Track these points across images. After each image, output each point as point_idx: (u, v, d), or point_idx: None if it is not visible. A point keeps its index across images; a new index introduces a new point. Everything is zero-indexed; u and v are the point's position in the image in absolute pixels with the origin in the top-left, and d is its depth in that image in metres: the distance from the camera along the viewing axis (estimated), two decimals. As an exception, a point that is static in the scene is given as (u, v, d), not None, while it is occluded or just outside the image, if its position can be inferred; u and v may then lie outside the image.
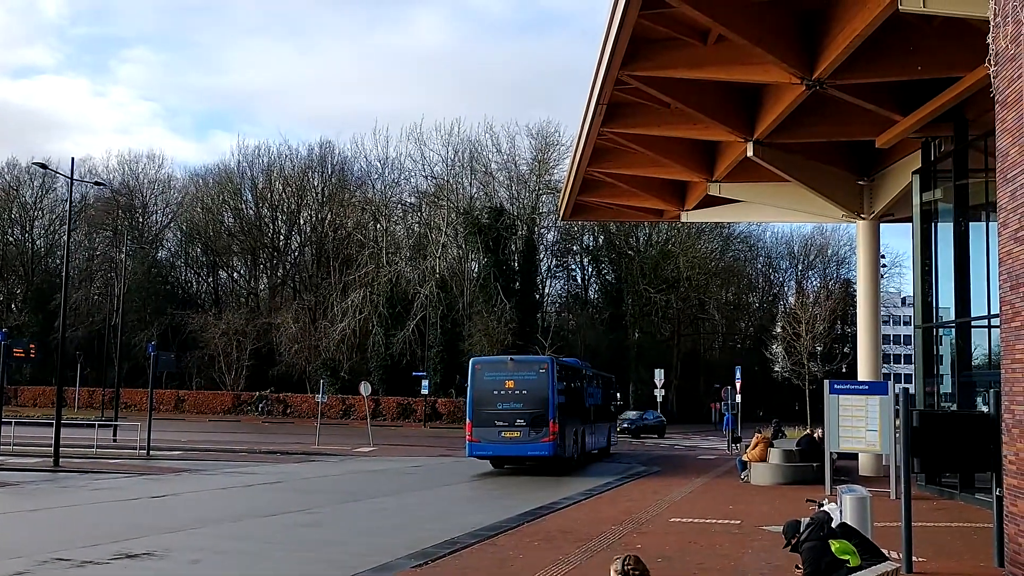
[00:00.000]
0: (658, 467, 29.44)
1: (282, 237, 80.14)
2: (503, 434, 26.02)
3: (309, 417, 58.67)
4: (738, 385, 38.01)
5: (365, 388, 40.97)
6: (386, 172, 74.57)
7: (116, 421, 40.43)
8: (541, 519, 16.28)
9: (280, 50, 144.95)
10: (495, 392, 26.38)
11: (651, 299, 71.77)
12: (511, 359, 28.06)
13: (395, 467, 29.37)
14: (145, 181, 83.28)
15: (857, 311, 28.76)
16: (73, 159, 33.47)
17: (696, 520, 16.20)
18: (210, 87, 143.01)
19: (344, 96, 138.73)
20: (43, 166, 37.80)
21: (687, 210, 32.25)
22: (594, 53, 19.85)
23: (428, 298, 63.99)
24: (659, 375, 49.28)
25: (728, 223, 72.52)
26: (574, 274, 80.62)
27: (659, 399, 50.64)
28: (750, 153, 22.79)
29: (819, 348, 61.81)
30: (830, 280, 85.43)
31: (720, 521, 16.05)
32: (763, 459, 23.77)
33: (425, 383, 57.58)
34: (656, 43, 18.93)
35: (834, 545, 8.48)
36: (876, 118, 20.72)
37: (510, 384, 26.36)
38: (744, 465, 24.26)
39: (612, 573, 6.10)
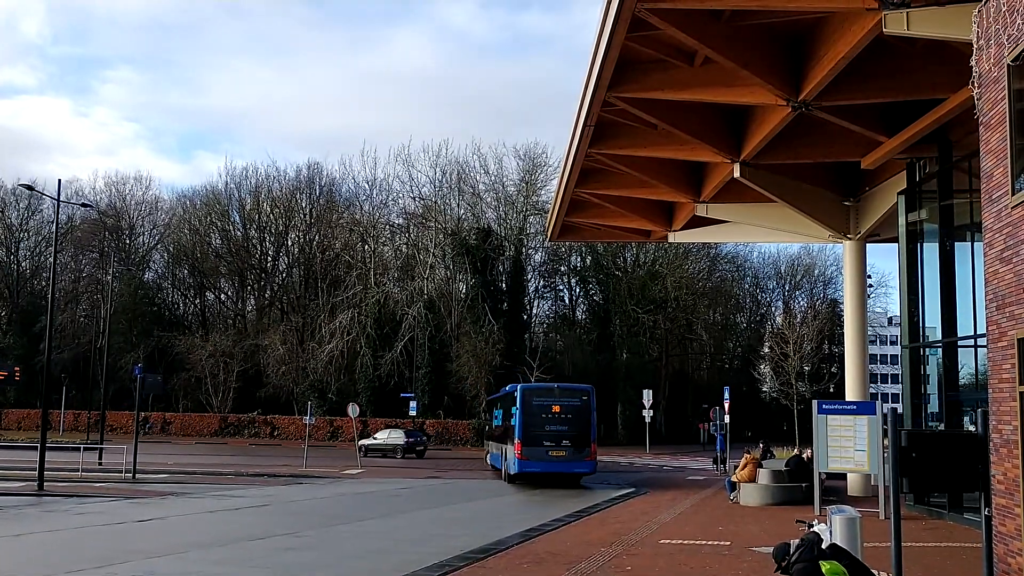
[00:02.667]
0: (647, 488, 29.37)
1: (270, 258, 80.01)
2: (550, 453, 29.37)
3: (296, 439, 58.40)
4: (726, 405, 37.98)
5: (353, 410, 40.80)
6: (374, 193, 74.72)
7: (102, 444, 40.10)
8: (530, 541, 16.19)
9: (262, 71, 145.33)
10: (543, 416, 29.63)
11: (639, 319, 71.86)
12: (557, 387, 32.23)
13: (383, 489, 29.19)
14: (132, 202, 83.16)
15: (844, 331, 28.87)
16: (60, 181, 33.35)
17: (686, 541, 16.15)
18: (192, 108, 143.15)
19: (328, 117, 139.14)
20: (29, 187, 37.66)
21: (675, 230, 32.38)
22: (579, 74, 20.00)
23: (416, 319, 63.92)
24: (647, 396, 49.29)
25: (715, 243, 72.83)
26: (562, 295, 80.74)
27: (647, 419, 50.65)
28: (737, 174, 22.94)
29: (807, 368, 62.01)
30: (817, 300, 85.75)
31: (710, 542, 16.00)
32: (752, 479, 23.74)
33: (413, 404, 57.41)
34: (643, 65, 19.08)
35: (825, 566, 8.45)
36: (861, 139, 20.90)
37: (556, 409, 29.81)
38: (733, 486, 24.22)
39: None
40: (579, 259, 77.32)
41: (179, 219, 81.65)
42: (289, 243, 78.88)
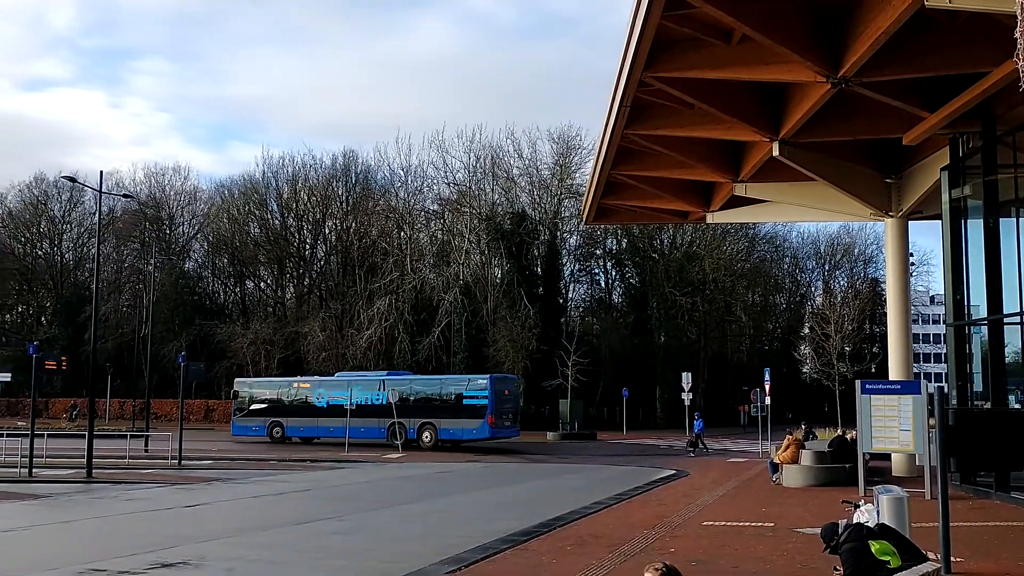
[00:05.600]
0: (688, 470, 29.29)
1: (308, 246, 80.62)
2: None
3: (337, 425, 58.83)
4: (767, 387, 37.66)
5: (392, 395, 41.06)
6: (409, 180, 74.90)
7: (147, 432, 40.80)
8: (573, 523, 16.22)
9: (290, 59, 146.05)
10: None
11: (676, 302, 71.46)
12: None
13: (424, 473, 29.41)
14: (171, 193, 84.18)
15: (887, 310, 28.51)
16: (101, 172, 33.87)
17: (729, 523, 16.09)
18: (222, 97, 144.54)
19: (359, 104, 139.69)
20: (72, 179, 38.25)
21: (712, 211, 32.09)
22: (608, 56, 19.89)
23: (452, 304, 64.13)
24: (686, 378, 49.06)
25: (754, 224, 72.17)
26: (597, 278, 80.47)
27: (687, 402, 50.41)
28: (776, 153, 22.65)
29: (848, 348, 61.41)
30: (857, 280, 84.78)
31: (753, 524, 15.93)
32: (794, 461, 23.59)
33: (452, 389, 57.57)
34: (679, 44, 18.87)
35: (874, 546, 8.39)
36: (903, 115, 20.54)
37: None
38: (776, 467, 24.09)
39: None
40: (615, 242, 77.00)
41: (218, 209, 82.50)
42: (326, 231, 79.42)
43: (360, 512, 18.84)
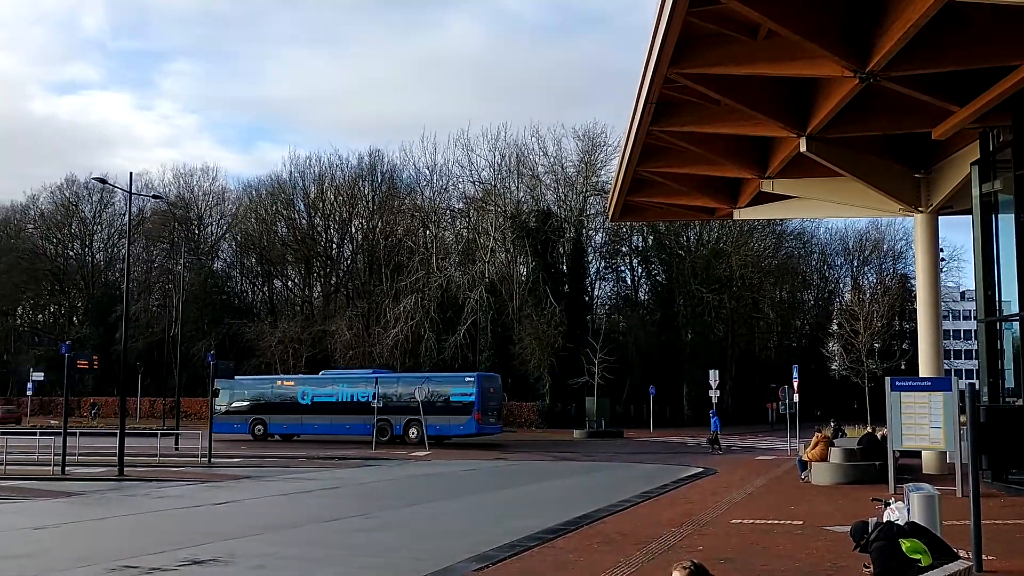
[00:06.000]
0: (715, 468, 29.17)
1: (334, 245, 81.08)
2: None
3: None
4: (795, 384, 37.42)
5: (419, 393, 41.23)
6: (434, 179, 75.12)
7: (178, 430, 41.21)
8: (600, 521, 16.22)
9: (317, 59, 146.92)
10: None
11: (703, 299, 71.16)
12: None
13: (451, 471, 29.51)
14: (200, 193, 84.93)
15: (917, 306, 28.22)
16: (131, 174, 34.14)
17: (757, 521, 16.02)
18: (251, 98, 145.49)
19: (385, 104, 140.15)
20: (102, 181, 38.82)
21: (739, 207, 31.90)
22: (635, 52, 19.83)
23: (478, 302, 64.24)
24: (713, 376, 48.87)
25: (781, 220, 71.71)
26: (623, 275, 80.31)
27: (714, 400, 50.21)
28: (803, 148, 22.48)
29: (877, 345, 60.85)
30: (886, 275, 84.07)
31: (782, 522, 15.85)
32: (823, 459, 23.43)
33: (477, 387, 57.67)
34: (704, 40, 18.78)
35: (904, 544, 8.33)
36: (932, 109, 20.33)
37: None
38: (804, 465, 23.94)
39: None
40: (641, 239, 76.79)
41: (246, 209, 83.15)
42: (353, 230, 79.84)
43: (388, 509, 18.94)
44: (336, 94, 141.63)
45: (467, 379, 44.32)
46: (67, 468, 27.32)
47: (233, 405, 47.81)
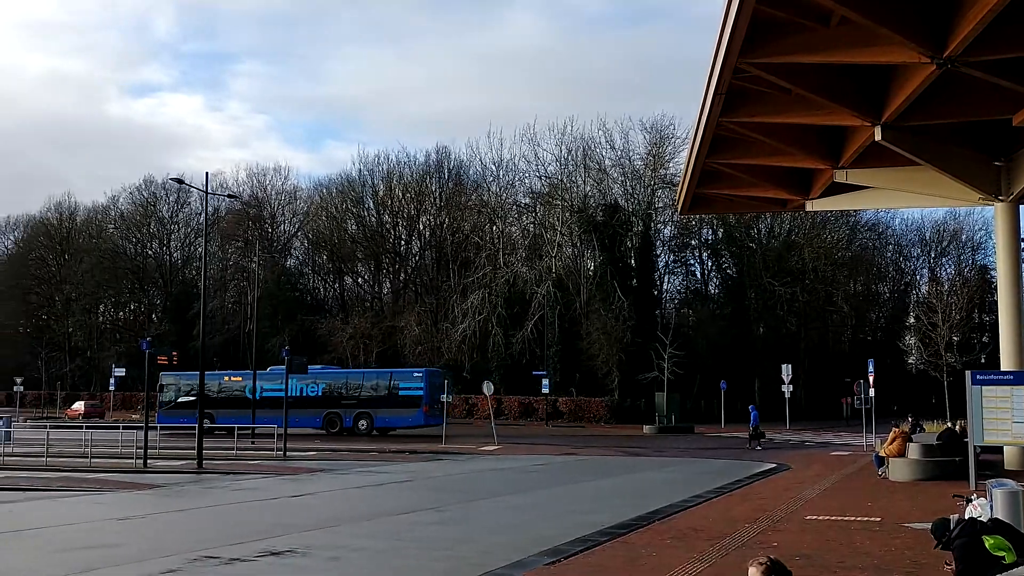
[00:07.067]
0: (789, 464, 28.73)
1: (403, 242, 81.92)
2: None
3: (434, 417, 59.66)
4: (871, 378, 36.58)
5: (488, 388, 41.43)
6: (501, 174, 75.34)
7: (254, 424, 42.11)
8: (671, 517, 16.11)
9: (380, 57, 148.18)
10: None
11: (775, 292, 70.10)
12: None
13: (520, 465, 29.59)
14: (272, 192, 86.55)
15: (997, 298, 27.37)
16: (207, 174, 35.14)
17: (833, 518, 15.73)
18: (317, 97, 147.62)
19: (450, 100, 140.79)
20: (179, 181, 39.76)
21: (812, 199, 31.30)
22: (701, 42, 19.59)
23: (545, 298, 64.23)
24: (786, 370, 48.10)
25: (855, 211, 70.18)
26: (693, 269, 79.55)
27: (786, 395, 49.45)
28: (878, 137, 21.96)
29: (956, 338, 59.25)
30: (965, 267, 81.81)
31: (859, 518, 15.54)
32: (901, 454, 22.91)
33: (545, 382, 57.83)
34: (775, 28, 18.47)
35: (988, 541, 8.10)
36: (1012, 95, 19.70)
37: None
38: (881, 461, 23.44)
39: (752, 574, 5.97)
40: (710, 232, 75.96)
41: (317, 207, 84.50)
42: (421, 226, 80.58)
43: (459, 503, 19.08)
44: (401, 91, 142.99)
45: (415, 374, 47.47)
46: (149, 461, 28.12)
47: (180, 400, 49.95)
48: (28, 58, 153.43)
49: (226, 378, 50.50)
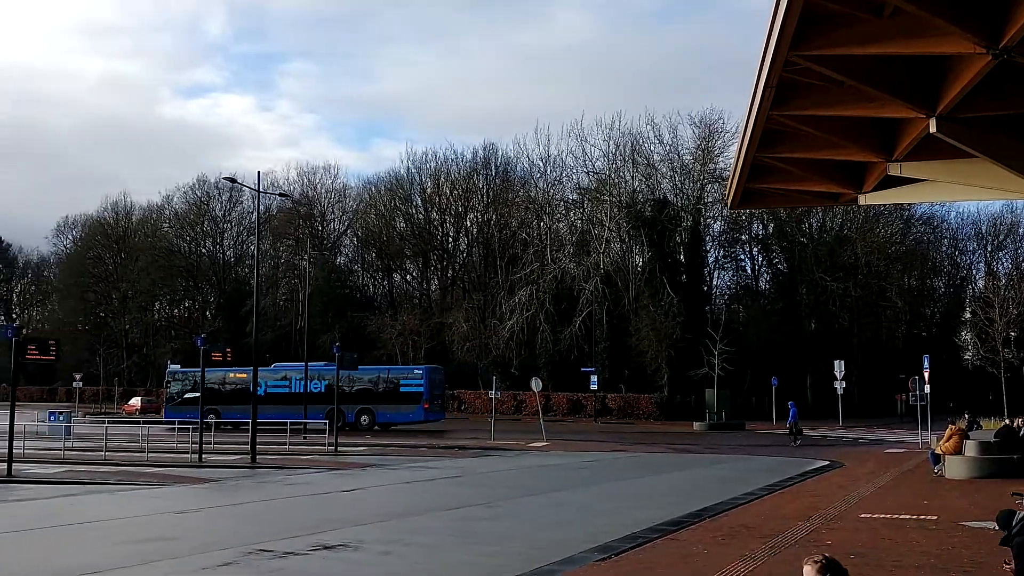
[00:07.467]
0: (842, 461, 28.36)
1: (450, 239, 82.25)
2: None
3: (482, 413, 59.92)
4: (926, 375, 35.91)
5: (536, 384, 41.46)
6: (548, 170, 75.24)
7: (306, 419, 42.66)
8: (723, 514, 16.01)
9: (427, 55, 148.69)
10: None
11: (827, 287, 69.12)
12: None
13: (570, 462, 29.58)
14: (323, 191, 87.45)
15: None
16: (259, 173, 35.70)
17: (888, 516, 15.51)
18: (365, 96, 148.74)
19: (497, 97, 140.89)
20: (232, 180, 40.47)
21: (865, 192, 30.74)
22: (749, 35, 19.38)
23: (593, 294, 64.05)
24: (839, 366, 47.43)
25: (909, 204, 68.93)
26: (743, 264, 78.73)
27: (839, 391, 48.73)
28: (933, 129, 21.46)
29: (1014, 334, 57.98)
30: (1022, 261, 79.76)
31: (915, 517, 15.30)
32: (957, 452, 22.50)
33: (594, 378, 57.70)
34: (827, 20, 18.16)
35: (1048, 541, 7.94)
36: (1074, 84, 19.18)
37: None
38: (937, 458, 23.04)
39: (807, 572, 5.91)
40: (761, 227, 75.13)
41: (366, 205, 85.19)
42: (468, 223, 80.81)
43: (509, 499, 19.15)
44: (448, 89, 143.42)
45: (416, 371, 48.61)
46: (204, 456, 28.62)
47: (186, 396, 50.92)
48: (86, 61, 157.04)
49: (231, 374, 51.29)
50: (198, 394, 50.04)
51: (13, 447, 24.43)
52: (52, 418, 38.98)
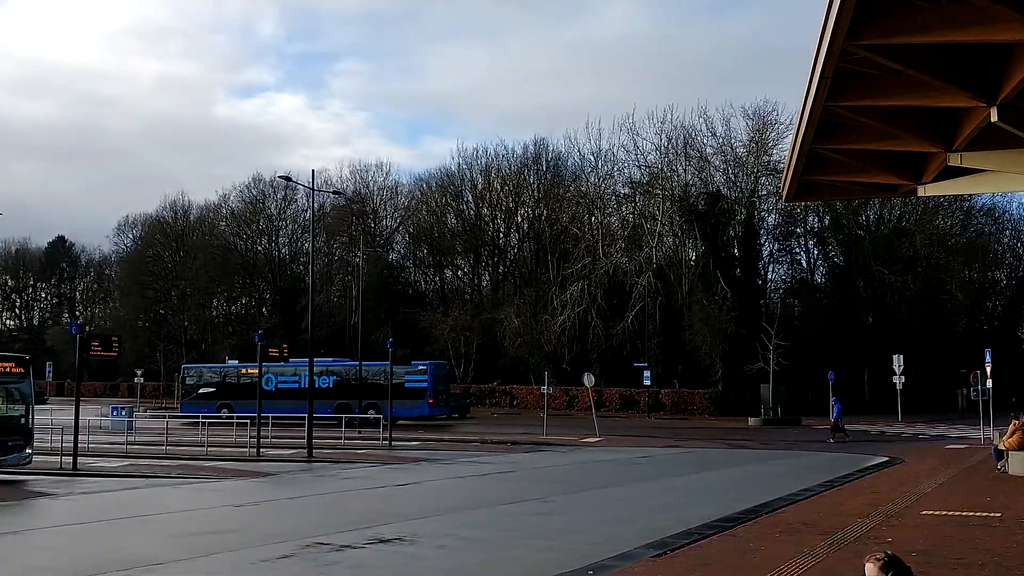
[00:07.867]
0: (902, 457, 27.86)
1: (501, 235, 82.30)
2: None
3: (535, 408, 59.97)
4: (988, 369, 35.06)
5: (588, 379, 41.37)
6: (599, 165, 74.78)
7: (360, 414, 43.15)
8: (780, 510, 15.84)
9: (477, 51, 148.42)
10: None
11: (885, 280, 67.79)
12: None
13: (623, 458, 29.49)
14: (375, 188, 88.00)
15: None
16: (313, 171, 36.12)
17: (950, 513, 15.22)
18: (416, 93, 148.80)
19: (547, 91, 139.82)
20: (287, 179, 41.03)
21: (924, 184, 30.12)
22: (802, 24, 19.08)
23: (646, 288, 63.62)
24: (898, 361, 46.57)
25: (969, 196, 67.36)
26: (798, 258, 77.51)
27: (898, 386, 47.84)
28: (994, 119, 20.94)
29: (1081, 327, 56.29)
30: (1089, 252, 77.54)
31: (977, 514, 14.99)
32: (1021, 447, 21.95)
33: (647, 374, 57.36)
34: (883, 8, 17.84)
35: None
36: None
37: None
38: (1000, 454, 22.52)
39: (869, 570, 5.83)
40: (816, 219, 73.91)
41: (417, 202, 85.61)
42: (519, 219, 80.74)
43: (563, 494, 19.16)
44: (497, 85, 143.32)
45: (420, 367, 48.93)
46: (262, 450, 29.09)
47: (201, 390, 52.21)
48: (142, 63, 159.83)
49: (243, 370, 52.25)
50: (212, 389, 52.06)
51: (78, 441, 25.08)
52: (115, 413, 40.01)
